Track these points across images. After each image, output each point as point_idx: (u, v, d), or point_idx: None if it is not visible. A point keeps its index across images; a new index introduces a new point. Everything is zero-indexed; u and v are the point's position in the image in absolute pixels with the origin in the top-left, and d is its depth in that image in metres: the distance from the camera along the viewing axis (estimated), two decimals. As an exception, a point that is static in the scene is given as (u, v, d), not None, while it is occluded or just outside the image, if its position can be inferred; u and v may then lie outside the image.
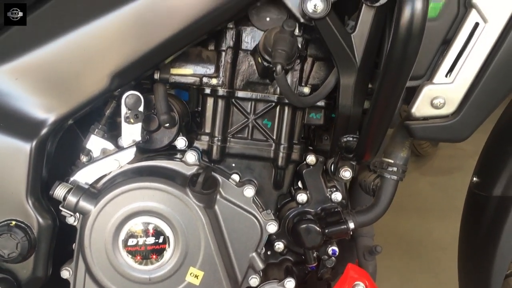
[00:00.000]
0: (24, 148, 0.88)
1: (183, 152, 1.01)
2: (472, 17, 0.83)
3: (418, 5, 0.68)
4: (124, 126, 0.98)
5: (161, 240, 0.93)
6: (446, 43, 0.86)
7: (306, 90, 1.00)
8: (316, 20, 0.90)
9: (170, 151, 1.04)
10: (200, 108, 1.14)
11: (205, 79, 0.99)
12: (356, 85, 0.94)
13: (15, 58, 0.88)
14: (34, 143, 0.89)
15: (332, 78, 0.97)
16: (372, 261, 1.18)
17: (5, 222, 0.89)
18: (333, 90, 0.98)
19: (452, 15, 0.84)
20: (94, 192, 0.94)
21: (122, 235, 0.93)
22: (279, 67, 0.86)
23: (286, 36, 0.87)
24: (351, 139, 0.97)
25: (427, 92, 0.87)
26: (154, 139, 1.04)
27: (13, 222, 0.89)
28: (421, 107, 0.88)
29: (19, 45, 0.88)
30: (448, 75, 0.86)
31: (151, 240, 0.93)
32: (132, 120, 0.97)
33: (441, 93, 0.87)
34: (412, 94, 0.90)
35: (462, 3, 0.84)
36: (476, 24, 0.84)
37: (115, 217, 0.92)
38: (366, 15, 0.90)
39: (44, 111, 0.90)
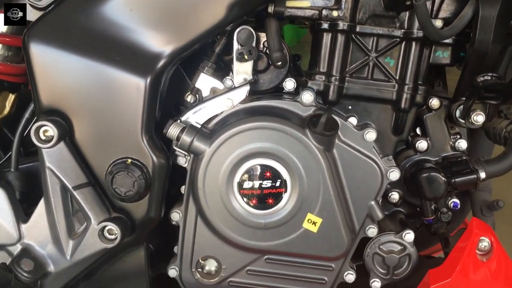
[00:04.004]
0: (139, 83, 0.84)
1: (291, 94, 0.94)
2: None
3: None
4: (236, 64, 0.92)
5: (278, 184, 0.88)
6: None
7: (439, 23, 0.89)
8: None
9: (277, 93, 0.98)
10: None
11: (325, 12, 0.91)
12: (498, 18, 0.83)
13: None
14: (149, 78, 0.84)
15: (469, 9, 0.86)
16: (491, 217, 1.09)
17: (122, 160, 0.86)
18: (465, 26, 0.87)
19: None
20: (207, 132, 0.90)
21: (237, 177, 0.88)
22: (419, -8, 0.76)
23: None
24: (489, 78, 0.87)
25: None
26: (262, 80, 0.98)
27: (129, 160, 0.86)
28: None
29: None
30: None
31: (267, 183, 0.88)
32: (246, 57, 0.90)
33: None
34: None
35: None
36: None
37: (230, 158, 0.88)
38: None
39: (159, 44, 0.85)
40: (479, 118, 0.92)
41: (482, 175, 0.92)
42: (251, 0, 0.84)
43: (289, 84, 0.96)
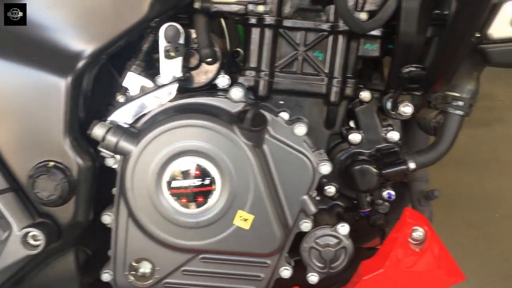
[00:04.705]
0: (59, 83, 0.82)
1: (225, 91, 0.93)
2: None
3: None
4: (163, 61, 0.90)
5: (207, 182, 0.87)
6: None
7: (363, 15, 0.89)
8: None
9: (211, 90, 0.96)
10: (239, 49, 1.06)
11: (250, 7, 0.90)
12: (420, 9, 0.84)
13: None
14: (70, 78, 0.82)
15: (393, 1, 0.86)
16: (428, 207, 1.10)
17: (43, 163, 0.83)
18: (391, 18, 0.88)
19: None
20: (134, 132, 0.88)
21: (166, 177, 0.87)
22: (337, -15, 0.76)
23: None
24: (414, 69, 0.88)
25: (508, 9, 0.76)
26: (194, 77, 0.96)
27: (51, 163, 0.83)
28: (500, 28, 0.77)
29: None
30: (534, -12, 0.75)
31: (197, 181, 0.87)
32: (172, 54, 0.89)
33: (524, 11, 0.76)
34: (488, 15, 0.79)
35: None
36: None
37: (158, 158, 0.86)
38: None
39: (79, 43, 0.83)
40: (407, 109, 0.93)
41: (412, 165, 0.93)
42: (172, -4, 0.82)
43: (223, 81, 0.95)
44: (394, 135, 0.98)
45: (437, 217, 2.13)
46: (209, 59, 0.91)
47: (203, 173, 0.87)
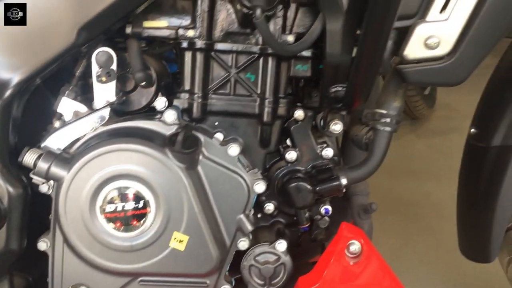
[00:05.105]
0: (-14, 111, 0.82)
1: (163, 113, 0.94)
2: None
3: None
4: (97, 86, 0.91)
5: (141, 205, 0.87)
6: (440, -24, 0.79)
7: (291, 38, 0.93)
8: None
9: (149, 113, 0.98)
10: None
11: (181, 31, 0.92)
12: (343, 31, 0.87)
13: None
14: (-3, 106, 0.82)
15: (318, 24, 0.90)
16: (368, 220, 1.13)
17: (-29, 192, 0.82)
18: (320, 39, 0.91)
19: None
20: (67, 157, 0.88)
21: (99, 201, 0.87)
22: (258, 11, 0.79)
23: (265, -24, 0.80)
24: (340, 88, 0.91)
25: (420, 31, 0.80)
26: (131, 100, 0.97)
27: (-20, 192, 0.83)
28: (414, 49, 0.81)
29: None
30: (443, 11, 0.79)
31: (130, 205, 0.87)
32: (104, 79, 0.90)
33: (436, 32, 0.80)
34: (404, 37, 0.83)
35: None
36: (472, -47, 0.76)
37: (90, 183, 0.86)
38: (350, -47, 0.83)
39: (6, 70, 0.83)
40: (336, 127, 0.97)
41: (344, 181, 0.95)
42: (100, 21, 0.83)
43: (160, 103, 0.96)
44: (328, 152, 1.01)
45: (394, 226, 2.18)
46: (143, 83, 0.93)
47: (137, 197, 0.87)
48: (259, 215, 1.05)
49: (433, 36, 0.80)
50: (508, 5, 0.80)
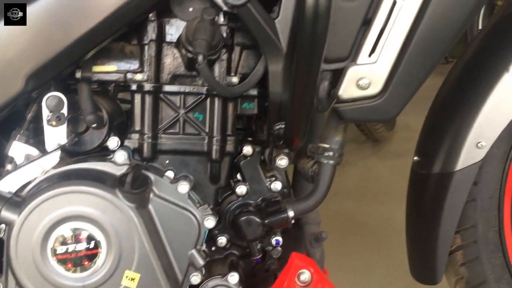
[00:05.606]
0: None
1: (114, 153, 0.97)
2: (389, -5, 0.83)
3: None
4: (47, 129, 0.94)
5: (92, 245, 0.89)
6: (367, 23, 0.85)
7: (235, 79, 0.98)
8: (238, 7, 0.88)
9: (102, 153, 1.00)
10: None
11: (129, 75, 0.96)
12: (284, 71, 0.93)
13: None
14: None
15: (261, 65, 0.96)
16: (319, 248, 1.17)
17: None
18: (265, 78, 0.96)
19: (370, -5, 0.84)
20: (17, 201, 0.90)
21: (50, 244, 0.88)
22: (200, 57, 0.84)
23: (206, 25, 0.85)
24: (283, 126, 0.96)
25: (352, 73, 0.87)
26: (84, 141, 1.00)
27: None
28: (347, 89, 0.87)
29: None
30: (371, 55, 0.86)
31: (82, 245, 0.89)
32: (54, 123, 0.92)
33: (366, 74, 0.86)
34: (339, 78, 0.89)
35: (379, -18, 0.83)
36: (394, 2, 0.83)
37: (41, 225, 0.88)
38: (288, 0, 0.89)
39: (-47, 119, 0.84)
40: (282, 162, 1.01)
41: (291, 214, 0.99)
42: (48, 69, 0.86)
43: (112, 143, 0.99)
44: (277, 185, 1.05)
45: (356, 249, 2.22)
46: (94, 125, 0.96)
47: (88, 237, 0.89)
48: (213, 248, 1.08)
49: (364, 78, 0.87)
50: (432, 46, 0.87)
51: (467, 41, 3.50)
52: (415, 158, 1.20)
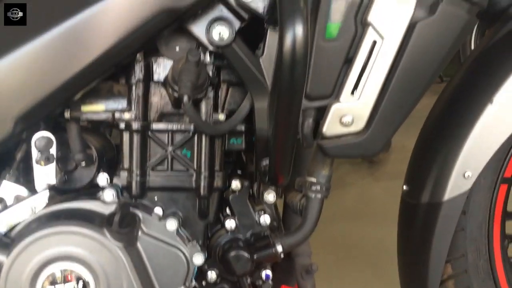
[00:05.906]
0: None
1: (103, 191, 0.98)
2: (370, 35, 0.85)
3: (299, 31, 0.69)
4: (37, 169, 0.95)
5: (80, 286, 0.90)
6: (349, 62, 0.87)
7: (221, 117, 0.99)
8: (223, 47, 0.90)
9: (92, 190, 1.01)
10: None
11: (117, 114, 0.97)
12: (270, 108, 0.94)
13: None
14: None
15: (247, 102, 0.97)
16: (310, 280, 1.17)
17: None
18: (251, 114, 0.97)
19: (351, 35, 0.86)
20: (6, 242, 0.90)
21: (39, 284, 0.89)
22: (185, 98, 0.85)
23: (191, 66, 0.87)
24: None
25: (335, 111, 0.88)
26: (73, 179, 1.01)
27: None
28: (331, 126, 0.89)
29: None
30: (354, 92, 0.87)
31: (70, 285, 0.89)
32: (43, 163, 0.93)
33: (349, 111, 0.88)
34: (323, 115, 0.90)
35: (359, 22, 0.85)
36: (374, 42, 0.85)
37: (30, 266, 0.88)
38: (272, 38, 0.91)
39: None
40: (270, 197, 1.02)
41: (279, 248, 1.00)
42: (36, 111, 0.88)
43: (102, 180, 0.99)
44: (266, 219, 1.06)
45: (351, 272, 2.21)
46: (83, 163, 0.97)
47: (76, 278, 0.90)
48: (203, 283, 1.08)
49: (347, 115, 0.88)
50: (414, 82, 0.89)
51: (460, 61, 3.54)
52: (405, 187, 1.20)
